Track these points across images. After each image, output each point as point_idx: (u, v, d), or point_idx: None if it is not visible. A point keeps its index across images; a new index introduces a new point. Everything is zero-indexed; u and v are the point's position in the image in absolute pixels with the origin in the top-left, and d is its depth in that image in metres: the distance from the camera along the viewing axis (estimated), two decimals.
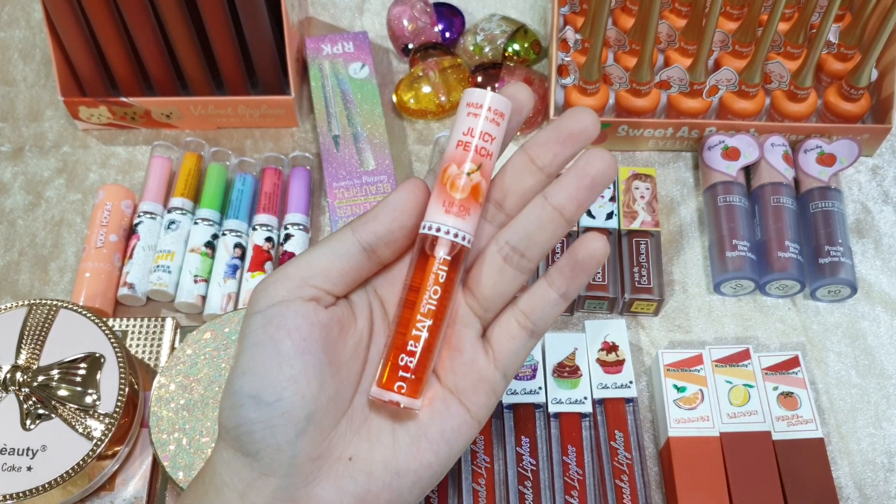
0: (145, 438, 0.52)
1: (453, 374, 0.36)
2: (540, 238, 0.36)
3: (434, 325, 0.35)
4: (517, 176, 0.37)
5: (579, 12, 0.70)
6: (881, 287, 0.62)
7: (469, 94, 0.36)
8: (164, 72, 0.66)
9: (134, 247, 0.60)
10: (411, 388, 0.35)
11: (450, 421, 0.36)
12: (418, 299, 0.35)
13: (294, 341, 0.33)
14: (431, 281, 0.35)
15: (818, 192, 0.62)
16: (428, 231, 0.35)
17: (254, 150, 0.68)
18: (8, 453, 0.47)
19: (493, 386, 0.36)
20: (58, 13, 0.61)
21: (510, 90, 0.36)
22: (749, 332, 0.60)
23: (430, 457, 0.35)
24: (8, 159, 0.67)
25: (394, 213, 0.35)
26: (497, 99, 0.35)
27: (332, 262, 0.35)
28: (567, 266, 0.36)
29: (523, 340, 0.37)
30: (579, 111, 0.36)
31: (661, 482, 0.54)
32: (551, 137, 0.36)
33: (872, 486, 0.54)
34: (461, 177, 0.35)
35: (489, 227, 0.38)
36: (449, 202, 0.35)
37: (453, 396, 0.36)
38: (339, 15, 0.75)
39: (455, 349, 0.37)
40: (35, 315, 0.51)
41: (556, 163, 0.37)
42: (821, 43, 0.61)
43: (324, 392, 0.34)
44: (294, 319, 0.33)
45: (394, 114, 0.69)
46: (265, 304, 0.34)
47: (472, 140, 0.35)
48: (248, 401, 0.33)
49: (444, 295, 0.35)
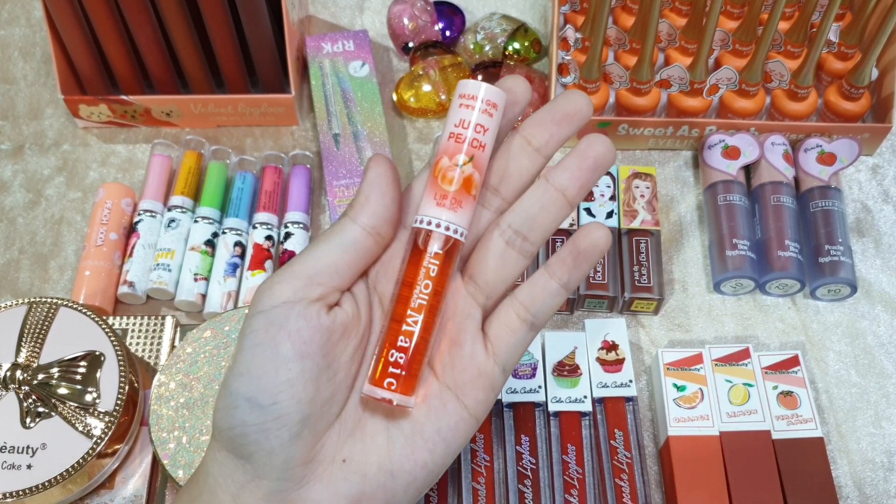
0: (145, 437, 0.52)
1: (451, 369, 0.36)
2: (543, 220, 0.36)
3: (426, 320, 0.35)
4: (513, 158, 0.37)
5: (580, 11, 0.70)
6: (881, 286, 0.62)
7: (463, 85, 0.35)
8: (164, 70, 0.66)
9: (134, 245, 0.60)
10: (404, 384, 0.34)
11: (446, 418, 0.35)
12: (410, 294, 0.35)
13: (294, 344, 0.33)
14: (423, 275, 0.35)
15: (818, 192, 0.62)
16: (420, 225, 0.35)
17: (254, 148, 0.68)
18: (8, 451, 0.47)
19: (491, 381, 0.36)
20: (58, 11, 0.61)
21: (507, 83, 0.36)
22: (749, 331, 0.60)
23: (426, 456, 0.35)
24: (8, 157, 0.67)
25: (381, 189, 0.34)
26: (491, 90, 0.35)
27: (339, 256, 0.34)
28: (569, 256, 0.36)
29: (523, 333, 0.36)
30: (572, 94, 0.36)
31: (661, 481, 0.54)
32: (546, 118, 0.36)
33: (872, 485, 0.54)
34: (454, 169, 0.35)
35: (486, 213, 0.37)
36: (441, 195, 0.35)
37: (450, 393, 0.36)
38: (339, 13, 0.75)
39: (454, 343, 0.36)
40: (35, 313, 0.51)
41: (551, 143, 0.36)
42: (821, 42, 0.61)
43: (320, 395, 0.33)
44: (296, 322, 0.33)
45: (394, 112, 0.69)
46: (269, 304, 0.33)
47: (465, 132, 0.35)
48: (243, 402, 0.33)
49: (437, 290, 0.35)
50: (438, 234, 0.35)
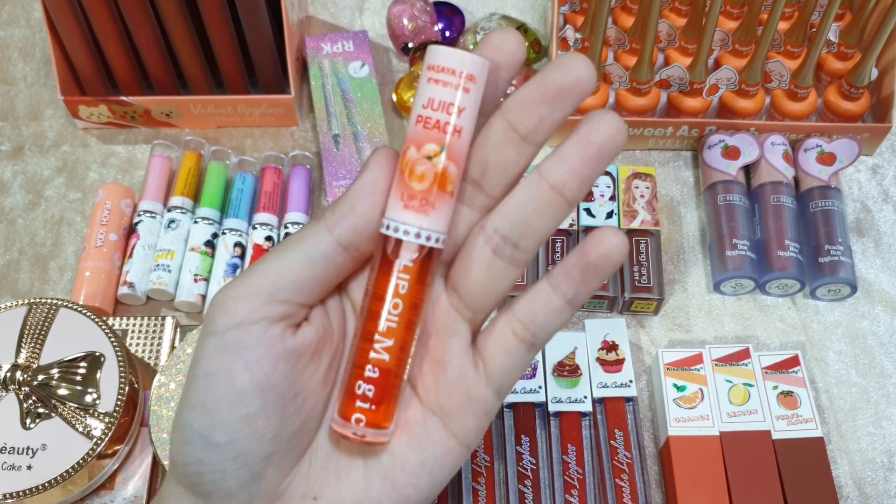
0: (145, 437, 0.52)
1: (436, 393, 0.31)
2: (536, 224, 0.29)
3: (396, 344, 0.29)
4: (496, 148, 0.29)
5: (579, 11, 0.70)
6: (881, 286, 0.62)
7: (433, 53, 0.28)
8: (163, 71, 0.66)
9: (134, 246, 0.60)
10: (374, 417, 0.29)
11: (431, 449, 0.30)
12: (380, 311, 0.29)
13: (253, 375, 0.28)
14: (393, 291, 0.29)
15: (818, 192, 0.62)
16: (387, 231, 0.29)
17: (254, 149, 0.68)
18: (8, 452, 0.47)
19: (484, 407, 0.30)
20: (57, 12, 0.61)
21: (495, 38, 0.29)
22: (749, 331, 0.60)
23: (409, 490, 0.30)
24: (8, 158, 0.67)
25: (371, 199, 0.29)
26: (468, 59, 0.28)
27: (305, 270, 0.29)
28: (576, 268, 0.29)
29: (521, 354, 0.31)
30: (569, 58, 0.28)
31: (661, 481, 0.54)
32: (535, 97, 0.28)
33: (872, 484, 0.54)
34: (423, 162, 0.28)
35: (468, 212, 0.30)
36: (410, 195, 0.28)
37: (436, 419, 0.30)
38: (339, 14, 0.75)
39: (438, 363, 0.31)
40: (35, 314, 0.51)
41: (542, 129, 0.29)
42: (821, 42, 0.61)
43: (286, 430, 0.29)
44: (255, 350, 0.28)
45: (394, 113, 0.69)
46: (223, 325, 0.28)
47: (436, 115, 0.28)
48: (196, 439, 0.28)
49: (413, 304, 0.29)
50: (409, 242, 0.29)
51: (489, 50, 0.29)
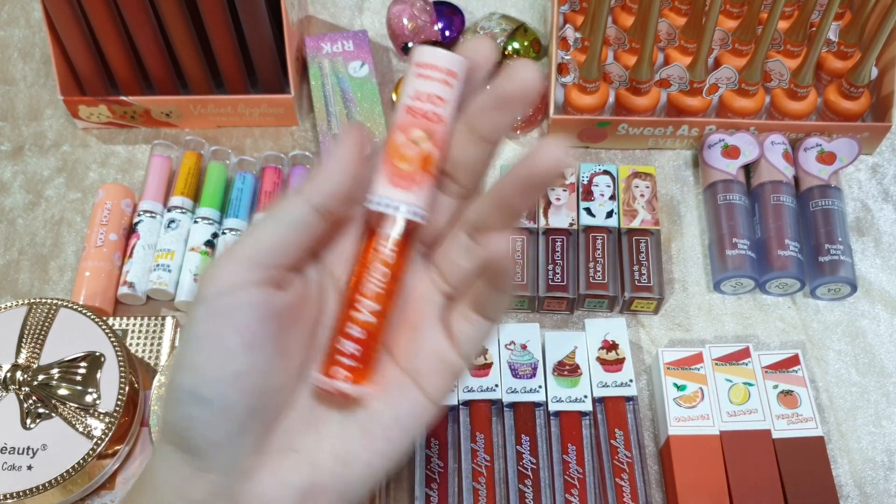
0: (145, 437, 0.52)
1: (411, 355, 0.34)
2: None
3: (382, 306, 0.33)
4: (461, 147, 0.34)
5: (579, 10, 0.70)
6: (881, 285, 0.62)
7: (419, 52, 0.32)
8: (163, 71, 0.66)
9: (134, 246, 0.60)
10: (357, 375, 0.32)
11: (405, 405, 0.33)
12: (366, 280, 0.33)
13: (242, 336, 0.30)
14: (379, 261, 0.33)
15: (818, 191, 0.62)
16: (374, 206, 0.33)
17: (254, 148, 0.68)
18: (8, 452, 0.47)
19: (453, 367, 0.34)
20: (57, 12, 0.61)
21: (469, 46, 0.33)
22: (749, 330, 0.60)
23: (383, 444, 0.33)
24: (8, 158, 0.67)
25: (344, 166, 0.32)
26: (449, 58, 0.32)
27: (284, 234, 0.32)
28: (492, 100, 0.32)
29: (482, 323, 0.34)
30: (517, 66, 0.32)
31: (661, 480, 0.54)
32: (488, 103, 0.33)
33: (872, 484, 0.54)
34: (410, 146, 0.32)
35: (447, 200, 0.34)
36: (396, 174, 0.32)
37: (409, 379, 0.34)
38: (338, 13, 0.75)
39: (415, 328, 0.34)
40: (35, 314, 0.51)
41: (497, 131, 0.33)
42: (821, 41, 0.61)
43: (270, 385, 0.32)
44: (243, 312, 0.31)
45: (394, 112, 0.69)
46: (212, 293, 0.31)
47: (419, 105, 0.32)
48: (186, 396, 0.31)
49: (394, 275, 0.33)
50: (393, 216, 0.32)
51: (466, 52, 0.33)
